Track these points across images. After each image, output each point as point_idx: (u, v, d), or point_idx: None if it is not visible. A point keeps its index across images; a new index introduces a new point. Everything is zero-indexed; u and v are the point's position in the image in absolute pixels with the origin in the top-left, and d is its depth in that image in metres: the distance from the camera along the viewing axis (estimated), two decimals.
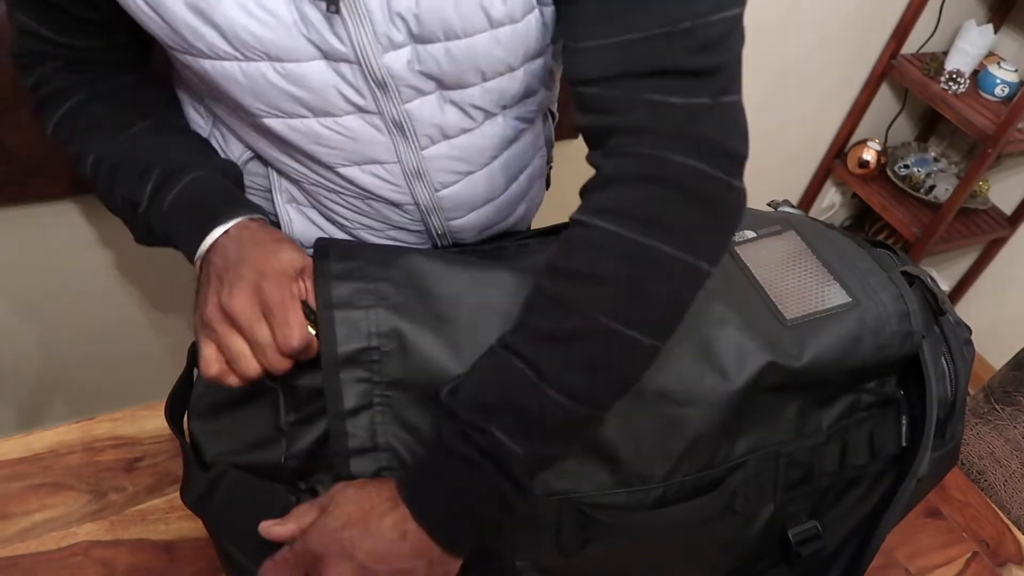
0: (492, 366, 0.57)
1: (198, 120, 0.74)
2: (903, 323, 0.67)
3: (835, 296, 0.67)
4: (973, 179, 1.88)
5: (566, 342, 0.55)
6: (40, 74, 0.70)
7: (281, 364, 0.57)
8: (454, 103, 0.65)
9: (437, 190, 0.72)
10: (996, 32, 1.99)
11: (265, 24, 0.57)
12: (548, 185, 0.93)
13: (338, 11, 0.56)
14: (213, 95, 0.65)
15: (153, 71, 0.76)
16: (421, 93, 0.63)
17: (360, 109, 0.63)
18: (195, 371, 0.67)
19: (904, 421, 0.70)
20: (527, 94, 0.70)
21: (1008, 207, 2.18)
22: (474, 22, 0.59)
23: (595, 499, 0.62)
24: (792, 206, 0.80)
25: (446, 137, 0.68)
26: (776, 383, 0.64)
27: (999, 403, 1.16)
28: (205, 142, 0.72)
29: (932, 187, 2.10)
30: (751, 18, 0.55)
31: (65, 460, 0.82)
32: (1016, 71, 1.93)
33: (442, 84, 0.63)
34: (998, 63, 1.94)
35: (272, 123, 0.64)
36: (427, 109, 0.65)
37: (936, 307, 0.69)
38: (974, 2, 2.04)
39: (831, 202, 2.36)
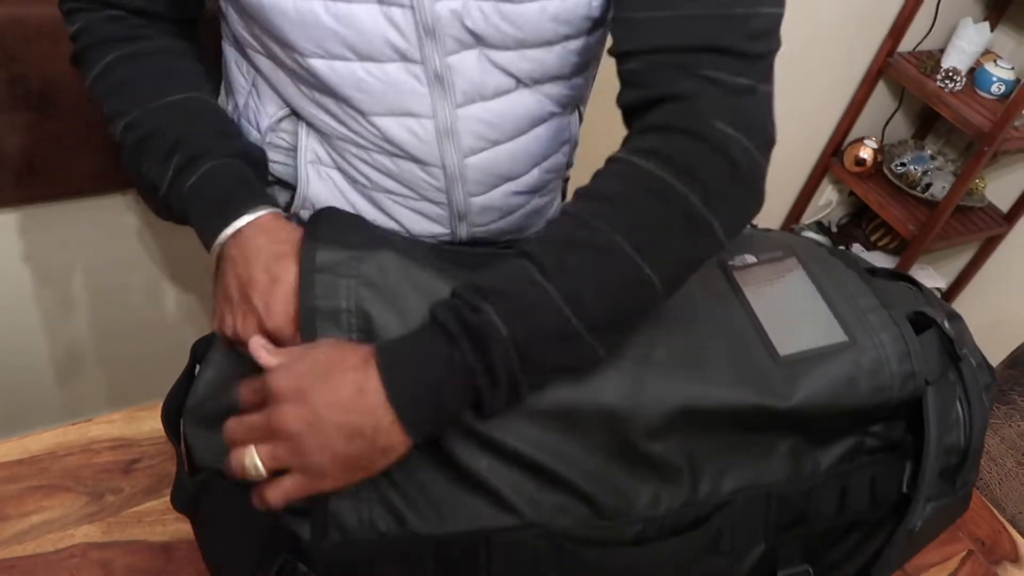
0: (501, 264, 0.57)
1: (239, 80, 0.77)
2: (903, 364, 0.64)
3: (831, 334, 0.65)
4: (969, 177, 1.88)
5: (575, 249, 0.55)
6: (85, 22, 0.71)
7: None
8: (494, 63, 0.68)
9: (465, 155, 0.73)
10: (992, 30, 1.99)
11: None
12: (564, 197, 0.93)
13: None
14: (263, 35, 0.68)
15: (197, 36, 0.78)
16: (464, 46, 0.66)
17: (404, 57, 0.65)
18: (196, 368, 0.67)
19: (908, 468, 0.67)
20: (561, 75, 0.72)
21: (1004, 205, 2.18)
22: None
23: (572, 532, 0.60)
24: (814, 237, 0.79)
25: (482, 98, 0.70)
26: (760, 423, 0.62)
27: (994, 402, 1.16)
28: (230, 122, 0.74)
29: (929, 185, 2.10)
30: None
31: (62, 462, 0.82)
32: (1012, 69, 1.94)
33: (483, 42, 0.66)
34: (994, 61, 1.95)
35: (316, 63, 0.66)
36: (468, 65, 0.67)
37: (952, 351, 0.66)
38: (970, 0, 2.04)
39: (828, 200, 2.36)
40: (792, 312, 0.66)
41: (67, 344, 1.34)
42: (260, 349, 0.58)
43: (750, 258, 0.70)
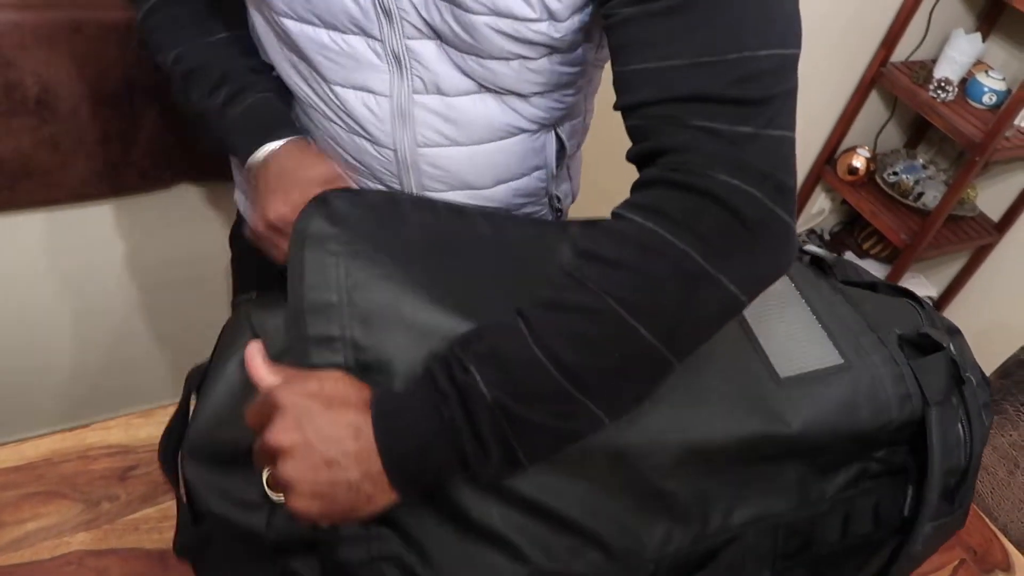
0: (497, 324, 0.56)
1: (253, 31, 0.81)
2: (898, 386, 0.64)
3: (827, 356, 0.64)
4: (961, 186, 1.90)
5: (566, 311, 0.54)
6: None
7: None
8: (453, 62, 0.67)
9: (420, 144, 0.73)
10: (984, 40, 2.01)
11: None
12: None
13: None
14: None
15: None
16: (424, 35, 0.66)
17: (364, 32, 0.66)
18: (191, 399, 0.63)
19: (910, 491, 0.67)
20: (520, 92, 0.70)
21: (995, 214, 2.20)
22: (481, 0, 0.61)
23: None
24: (814, 248, 0.78)
25: (441, 92, 0.70)
26: (768, 453, 0.62)
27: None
28: (265, 63, 0.80)
29: (921, 194, 2.12)
30: None
31: (58, 468, 0.81)
32: (1004, 79, 1.95)
33: (441, 38, 0.66)
34: (986, 71, 1.96)
35: (289, 24, 0.68)
36: (428, 53, 0.67)
37: (957, 375, 0.66)
38: (963, 11, 2.06)
39: (820, 208, 2.37)
40: (790, 334, 0.65)
41: (63, 350, 1.33)
42: (257, 357, 0.56)
43: None
